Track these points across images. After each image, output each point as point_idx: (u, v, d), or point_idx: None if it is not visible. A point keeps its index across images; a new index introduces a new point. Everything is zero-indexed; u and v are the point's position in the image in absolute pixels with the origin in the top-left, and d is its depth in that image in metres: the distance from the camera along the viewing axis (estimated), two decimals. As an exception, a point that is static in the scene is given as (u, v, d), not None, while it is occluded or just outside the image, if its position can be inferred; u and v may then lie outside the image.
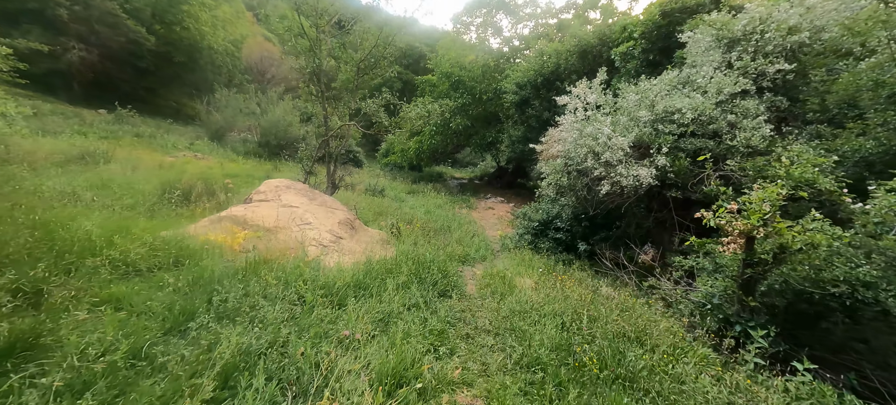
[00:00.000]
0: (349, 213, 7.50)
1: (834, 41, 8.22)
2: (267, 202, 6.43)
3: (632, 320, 4.82)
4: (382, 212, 11.28)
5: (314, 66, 9.11)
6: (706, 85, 8.59)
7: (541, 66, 16.40)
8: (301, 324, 3.46)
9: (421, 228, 10.13)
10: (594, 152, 9.06)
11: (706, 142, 8.31)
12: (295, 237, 5.89)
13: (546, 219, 11.99)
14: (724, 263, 5.02)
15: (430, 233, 10.18)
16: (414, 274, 5.53)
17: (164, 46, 27.07)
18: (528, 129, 17.16)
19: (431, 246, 7.76)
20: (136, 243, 4.31)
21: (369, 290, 4.67)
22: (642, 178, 8.33)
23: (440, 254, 7.26)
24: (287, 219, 6.19)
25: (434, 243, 8.64)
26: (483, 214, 18.18)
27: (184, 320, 3.23)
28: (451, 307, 5.24)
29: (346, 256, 6.07)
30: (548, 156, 11.56)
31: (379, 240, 7.35)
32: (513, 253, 12.03)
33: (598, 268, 10.65)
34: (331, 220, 6.75)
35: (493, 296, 6.14)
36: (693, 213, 9.33)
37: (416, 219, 12.00)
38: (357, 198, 14.11)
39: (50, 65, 23.21)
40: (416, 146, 22.52)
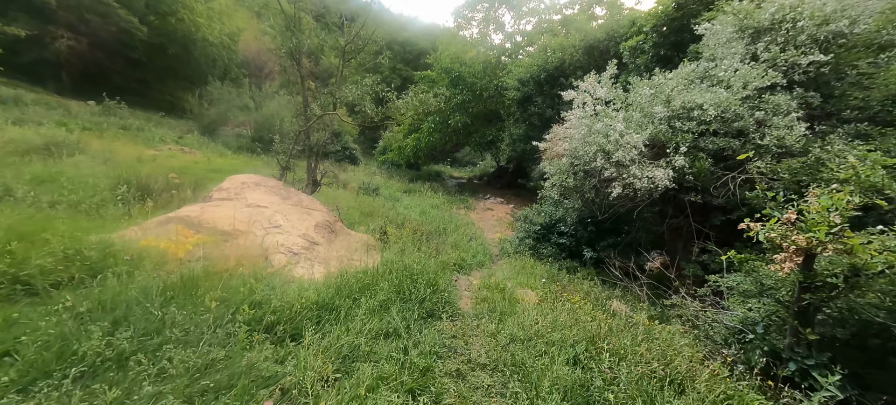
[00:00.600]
0: (329, 215, 6.57)
1: (868, 35, 7.30)
2: (229, 201, 5.50)
3: (661, 353, 3.89)
4: (372, 212, 10.35)
5: (292, 47, 8.19)
6: (729, 78, 7.65)
7: (544, 61, 15.45)
8: (224, 375, 2.53)
9: (413, 231, 9.19)
10: (604, 151, 8.12)
11: (730, 141, 7.38)
12: (258, 243, 4.96)
13: (549, 222, 11.06)
14: (771, 284, 4.09)
15: (422, 236, 9.24)
16: (396, 290, 4.60)
17: (158, 38, 26.10)
18: (530, 128, 16.22)
19: (422, 252, 6.82)
20: (42, 251, 3.39)
21: (338, 313, 3.74)
22: (658, 179, 7.41)
23: (431, 262, 6.32)
24: (251, 222, 5.25)
25: (426, 249, 7.70)
26: (482, 215, 17.26)
27: (54, 368, 2.29)
28: (441, 331, 4.31)
29: (319, 266, 5.14)
30: (552, 155, 10.63)
31: (362, 246, 6.42)
32: (513, 259, 11.10)
33: (605, 277, 9.73)
34: (305, 223, 5.81)
35: (490, 315, 5.21)
36: (712, 220, 8.44)
37: (408, 220, 11.07)
38: (348, 196, 13.17)
39: (37, 54, 22.27)
40: (413, 144, 21.57)
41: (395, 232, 8.49)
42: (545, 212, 11.49)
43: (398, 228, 9.23)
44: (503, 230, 15.48)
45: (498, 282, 7.46)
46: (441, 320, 4.58)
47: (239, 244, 4.82)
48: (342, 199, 11.59)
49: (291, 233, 5.44)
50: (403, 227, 9.45)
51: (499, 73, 20.31)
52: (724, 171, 7.51)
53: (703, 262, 7.55)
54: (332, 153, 25.33)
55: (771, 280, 4.16)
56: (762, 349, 3.97)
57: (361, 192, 16.02)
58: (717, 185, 7.39)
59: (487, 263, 10.49)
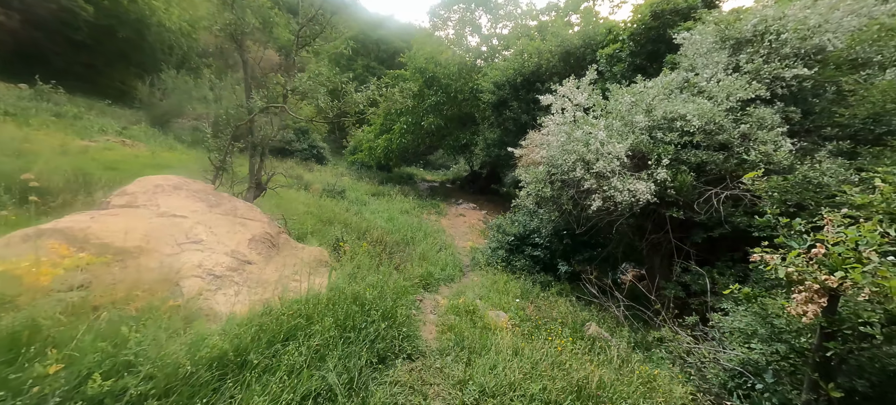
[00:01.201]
0: (271, 226, 5.50)
1: (841, 52, 7.07)
2: (133, 209, 4.35)
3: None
4: (333, 219, 9.28)
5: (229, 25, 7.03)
6: (712, 89, 7.21)
7: (520, 65, 14.87)
8: None
9: (375, 243, 8.20)
10: (584, 160, 7.49)
11: (713, 155, 6.92)
12: (167, 264, 3.87)
13: (523, 233, 10.38)
14: (783, 326, 3.48)
15: (385, 249, 8.28)
16: (340, 326, 3.65)
17: (107, 19, 23.62)
18: (505, 133, 15.59)
19: (382, 271, 5.87)
20: None
21: (251, 371, 2.76)
22: (639, 193, 6.84)
23: (391, 282, 5.39)
24: (161, 236, 4.14)
25: (387, 266, 6.76)
26: (453, 222, 16.44)
27: None
28: (394, 382, 3.40)
29: (250, 292, 4.10)
30: (528, 162, 9.96)
31: (311, 264, 5.40)
32: (484, 271, 10.33)
33: (580, 293, 9.12)
34: (237, 237, 4.74)
35: (458, 351, 4.35)
36: (693, 237, 7.98)
37: (373, 228, 10.06)
38: (309, 200, 11.98)
39: (-44, 28, 19.53)
40: (385, 144, 20.48)
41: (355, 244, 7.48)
42: (519, 221, 10.81)
43: (359, 238, 8.22)
44: (475, 238, 14.73)
45: (467, 304, 6.63)
46: (396, 366, 3.67)
47: (139, 266, 3.72)
48: (299, 204, 10.43)
49: (216, 249, 4.36)
50: (366, 237, 8.45)
51: (474, 75, 19.62)
52: (705, 185, 7.05)
53: (685, 284, 7.03)
54: (297, 152, 23.80)
55: (782, 320, 3.54)
56: (773, 402, 3.32)
57: (325, 195, 14.82)
58: (700, 200, 6.91)
59: (458, 277, 9.65)
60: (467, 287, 8.50)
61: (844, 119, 6.25)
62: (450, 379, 3.69)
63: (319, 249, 6.20)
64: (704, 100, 7.06)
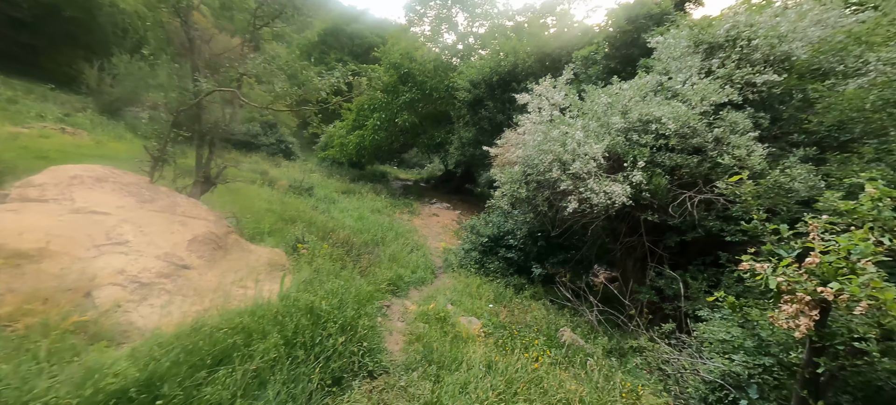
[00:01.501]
0: (219, 224, 4.88)
1: (805, 61, 7.21)
2: (41, 203, 3.64)
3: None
4: (296, 218, 8.62)
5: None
6: (687, 93, 7.15)
7: (497, 63, 14.62)
8: None
9: (342, 244, 7.64)
10: (561, 161, 7.25)
11: (687, 158, 6.85)
12: (78, 269, 3.22)
13: (497, 234, 10.08)
14: (766, 337, 3.29)
15: (353, 250, 7.74)
16: (288, 343, 3.14)
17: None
18: (480, 132, 15.31)
19: (345, 275, 5.36)
20: None
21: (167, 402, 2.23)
22: (615, 195, 6.65)
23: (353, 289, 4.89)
24: (75, 236, 3.47)
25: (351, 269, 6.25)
26: (426, 222, 16.01)
27: None
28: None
29: (182, 304, 3.51)
30: (503, 161, 9.66)
31: (265, 268, 4.82)
32: (457, 273, 9.96)
33: (553, 296, 8.92)
34: (174, 237, 4.11)
35: (425, 367, 3.93)
36: (667, 240, 7.91)
37: (341, 228, 9.47)
38: (272, 197, 11.19)
39: None
40: (357, 141, 19.73)
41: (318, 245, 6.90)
42: (493, 222, 10.52)
43: (323, 239, 7.63)
44: (448, 238, 14.35)
45: (438, 310, 6.22)
46: (353, 388, 3.20)
47: (39, 272, 3.06)
48: (260, 201, 9.67)
49: (145, 252, 3.73)
50: (331, 238, 7.86)
51: (450, 73, 19.25)
52: (679, 189, 6.99)
53: (659, 288, 6.92)
54: (264, 146, 22.61)
55: (768, 332, 3.34)
56: (757, 419, 3.11)
57: (291, 193, 14.01)
58: (675, 204, 6.83)
59: (429, 279, 9.22)
60: (439, 290, 8.09)
61: (812, 126, 6.30)
62: (416, 400, 3.26)
63: (276, 251, 5.61)
64: (679, 103, 6.98)
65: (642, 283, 7.75)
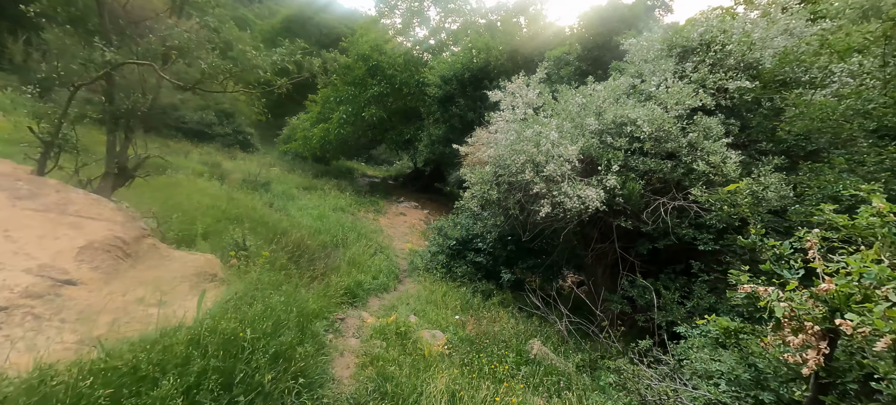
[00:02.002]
0: (130, 227, 3.97)
1: (772, 70, 7.19)
2: None
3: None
4: (241, 217, 7.65)
5: None
6: (661, 95, 6.91)
7: (469, 60, 14.10)
8: None
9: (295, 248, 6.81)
10: (534, 162, 6.80)
11: (661, 163, 6.59)
12: None
13: (465, 237, 9.55)
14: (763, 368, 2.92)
15: (306, 254, 6.91)
16: (194, 386, 2.39)
17: (-36, -44, 18.71)
18: (450, 130, 14.74)
19: (286, 289, 4.58)
20: None
21: None
22: (589, 200, 6.28)
23: (298, 305, 4.15)
24: None
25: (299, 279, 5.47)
26: (393, 221, 15.25)
27: None
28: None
29: (58, 332, 2.66)
30: (474, 161, 9.13)
31: (187, 281, 3.98)
32: (423, 277, 9.33)
33: (522, 303, 8.50)
34: (57, 245, 3.21)
35: (378, 402, 3.28)
36: (638, 247, 7.64)
37: (295, 228, 8.57)
38: (217, 193, 10.05)
39: None
40: (321, 134, 18.58)
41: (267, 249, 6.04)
42: (462, 224, 9.98)
43: (273, 242, 6.75)
44: (415, 240, 13.69)
45: (399, 323, 5.56)
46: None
47: None
48: (203, 197, 8.58)
49: (7, 265, 2.82)
50: (282, 240, 6.99)
51: (421, 69, 18.55)
52: (653, 195, 6.74)
53: (631, 298, 6.63)
54: (218, 137, 20.88)
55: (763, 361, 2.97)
56: (752, 461, 2.71)
57: (244, 188, 12.80)
58: (649, 210, 6.56)
59: (392, 285, 8.52)
60: (402, 299, 7.42)
61: (782, 134, 6.20)
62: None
63: (208, 258, 4.74)
64: (655, 105, 6.71)
65: (613, 291, 7.47)
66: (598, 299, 7.02)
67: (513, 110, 7.88)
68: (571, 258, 8.49)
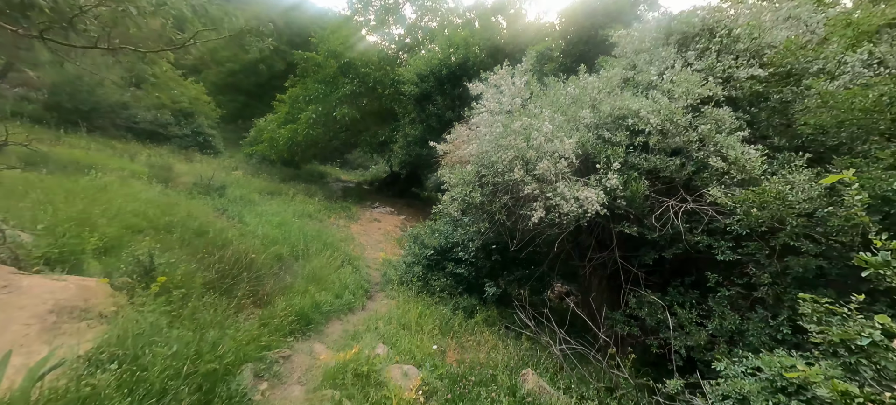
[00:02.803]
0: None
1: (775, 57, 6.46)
2: None
3: None
4: (172, 226, 6.17)
5: None
6: (665, 85, 6.00)
7: (447, 57, 13.02)
8: None
9: (232, 266, 5.40)
10: (524, 159, 5.71)
11: (667, 160, 5.65)
12: None
13: (444, 246, 8.35)
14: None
15: (248, 272, 5.52)
16: None
17: None
18: (428, 130, 13.57)
19: (187, 324, 3.23)
20: None
21: None
22: (588, 202, 5.24)
23: (206, 350, 2.83)
24: None
25: (226, 305, 4.12)
26: (366, 228, 13.88)
27: None
28: None
29: None
30: (454, 160, 7.99)
31: (43, 318, 2.58)
32: (396, 292, 8.05)
33: (509, 319, 7.38)
34: None
35: None
36: (643, 257, 6.53)
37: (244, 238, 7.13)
38: (151, 197, 8.42)
39: None
40: (288, 136, 16.97)
41: (187, 267, 4.62)
42: (440, 232, 8.78)
43: (205, 258, 5.32)
44: (390, 248, 12.37)
45: (361, 359, 4.29)
46: None
47: None
48: (130, 202, 7.02)
49: None
50: (215, 255, 5.55)
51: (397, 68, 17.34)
52: (658, 196, 5.79)
53: (640, 319, 5.60)
54: (175, 137, 18.87)
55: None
56: None
57: (197, 191, 11.16)
58: (656, 214, 5.59)
59: (360, 302, 7.20)
60: (370, 321, 6.13)
61: (803, 128, 5.38)
62: None
63: (82, 287, 3.32)
64: (660, 95, 5.78)
65: (615, 307, 6.47)
66: (598, 317, 5.97)
67: (499, 101, 6.80)
68: (563, 269, 7.46)
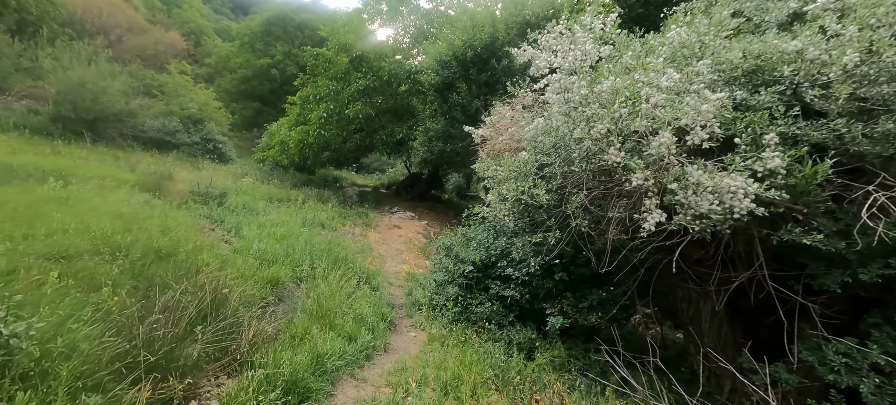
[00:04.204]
0: None
1: None
2: None
3: None
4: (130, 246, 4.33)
5: None
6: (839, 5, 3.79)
7: (471, 37, 10.99)
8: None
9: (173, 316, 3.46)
10: (623, 134, 3.61)
11: (851, 125, 3.45)
12: None
13: (486, 261, 6.29)
14: None
15: (208, 319, 3.58)
16: None
17: None
18: (451, 123, 11.57)
19: None
20: None
21: None
22: (736, 198, 3.11)
23: None
24: None
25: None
26: (385, 235, 11.96)
27: None
28: None
29: None
30: (497, 148, 5.93)
31: None
32: (428, 319, 6.07)
33: (583, 361, 5.27)
34: None
35: None
36: (823, 279, 3.53)
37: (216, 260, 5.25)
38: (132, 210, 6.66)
39: None
40: (299, 138, 15.25)
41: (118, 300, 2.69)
42: (479, 241, 6.71)
43: (146, 302, 3.41)
44: (413, 258, 10.41)
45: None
46: None
47: None
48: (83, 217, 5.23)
49: None
50: (180, 286, 3.65)
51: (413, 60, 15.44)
52: (841, 181, 3.61)
53: (813, 371, 3.37)
54: (183, 145, 17.44)
55: None
56: None
57: (193, 198, 9.46)
58: (841, 209, 3.42)
59: (380, 345, 5.20)
60: (396, 379, 4.14)
61: None
62: None
63: None
64: (832, 22, 3.58)
65: (737, 349, 4.29)
66: (732, 363, 3.79)
67: (570, 58, 4.67)
68: (644, 288, 5.27)
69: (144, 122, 17.02)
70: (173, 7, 37.97)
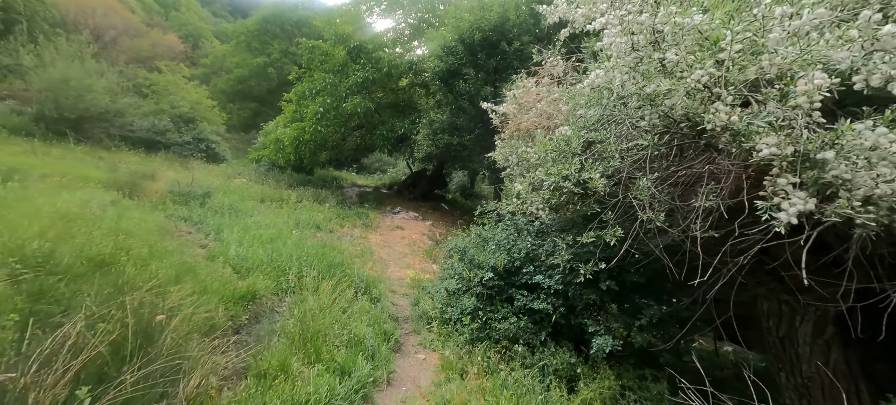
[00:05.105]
0: None
1: None
2: None
3: None
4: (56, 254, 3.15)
5: None
6: None
7: (478, 19, 9.82)
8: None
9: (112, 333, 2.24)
10: (736, 83, 2.42)
11: None
12: None
13: (509, 266, 5.09)
14: None
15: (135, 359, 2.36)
16: None
17: None
18: (457, 113, 10.38)
19: None
20: None
21: None
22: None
23: None
24: None
25: None
26: (387, 237, 10.77)
27: None
28: None
29: None
30: (522, 127, 4.73)
31: None
32: (439, 337, 4.86)
33: (642, 393, 4.09)
34: None
35: None
36: None
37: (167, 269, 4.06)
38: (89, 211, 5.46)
39: None
40: (294, 136, 14.08)
41: None
42: (498, 242, 5.50)
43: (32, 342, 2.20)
44: (418, 262, 9.20)
45: None
46: None
47: None
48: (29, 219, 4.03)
49: None
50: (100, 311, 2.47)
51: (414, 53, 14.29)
52: None
53: None
54: (174, 145, 16.26)
55: None
56: None
57: (172, 199, 8.28)
58: None
59: (383, 371, 4.02)
60: None
61: None
62: None
63: None
64: None
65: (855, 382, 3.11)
66: None
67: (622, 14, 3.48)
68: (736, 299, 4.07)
69: (133, 121, 15.86)
70: (171, 10, 36.87)
